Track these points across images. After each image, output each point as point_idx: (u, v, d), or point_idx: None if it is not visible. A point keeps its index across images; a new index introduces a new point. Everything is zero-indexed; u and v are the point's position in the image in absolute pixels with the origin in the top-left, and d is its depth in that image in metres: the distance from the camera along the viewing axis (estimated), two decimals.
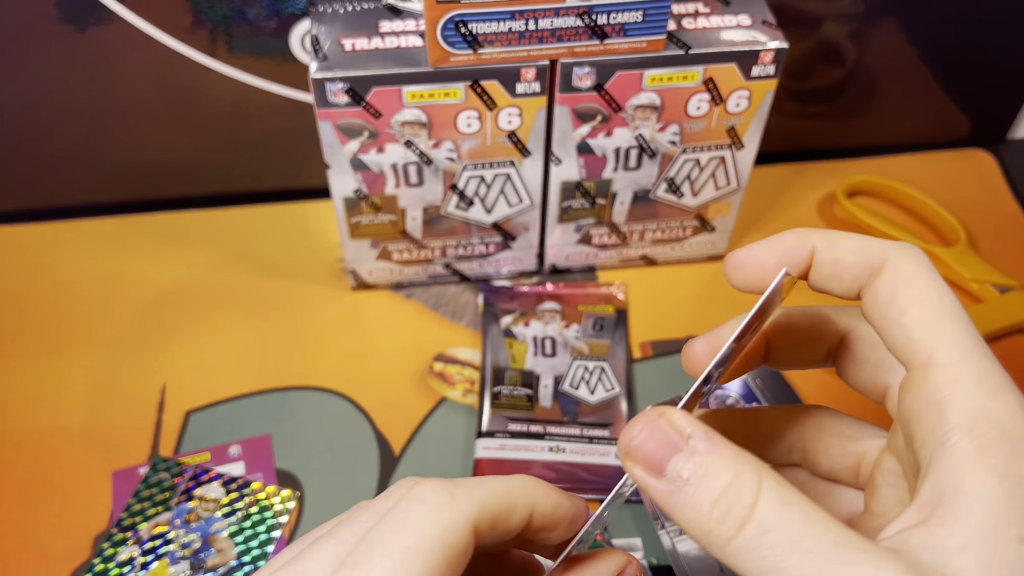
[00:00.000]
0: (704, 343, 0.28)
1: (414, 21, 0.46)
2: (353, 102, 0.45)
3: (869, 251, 0.25)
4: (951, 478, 0.21)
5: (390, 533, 0.23)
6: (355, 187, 0.49)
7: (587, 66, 0.45)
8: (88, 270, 0.57)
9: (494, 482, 0.25)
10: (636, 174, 0.51)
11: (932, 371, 0.23)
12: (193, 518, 0.45)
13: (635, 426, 0.23)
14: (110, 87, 0.55)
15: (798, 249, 0.26)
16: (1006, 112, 0.66)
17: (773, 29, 0.46)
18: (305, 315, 0.55)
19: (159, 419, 0.50)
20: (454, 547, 0.23)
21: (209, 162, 0.60)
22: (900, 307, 0.24)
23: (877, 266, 0.25)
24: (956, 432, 0.22)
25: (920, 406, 0.23)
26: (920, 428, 0.23)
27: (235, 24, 0.53)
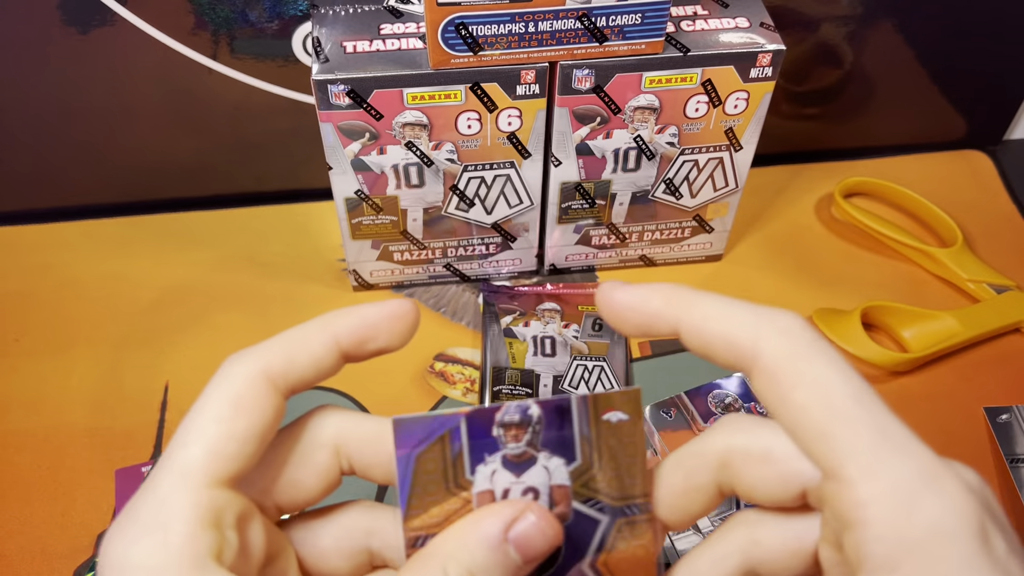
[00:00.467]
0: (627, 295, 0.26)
1: (415, 23, 0.46)
2: (354, 104, 0.45)
3: (739, 340, 0.23)
4: None
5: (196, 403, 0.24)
6: (356, 188, 0.49)
7: (586, 68, 0.45)
8: (91, 270, 0.58)
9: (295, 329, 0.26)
10: (635, 175, 0.51)
11: (842, 489, 0.21)
12: None
13: None
14: (113, 89, 0.55)
15: (663, 317, 0.25)
16: (1002, 113, 0.66)
17: (771, 31, 0.47)
18: (307, 315, 0.54)
19: (162, 418, 0.50)
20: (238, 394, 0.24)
21: (211, 163, 0.60)
22: (791, 418, 0.22)
23: (750, 356, 0.23)
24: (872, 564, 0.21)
25: (841, 520, 0.22)
26: (846, 539, 0.22)
27: (237, 26, 0.53)
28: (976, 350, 0.54)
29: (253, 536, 0.24)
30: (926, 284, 0.58)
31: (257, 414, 0.24)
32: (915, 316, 0.53)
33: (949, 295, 0.57)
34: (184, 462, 0.23)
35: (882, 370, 0.52)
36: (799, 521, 0.24)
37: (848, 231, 0.61)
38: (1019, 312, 0.54)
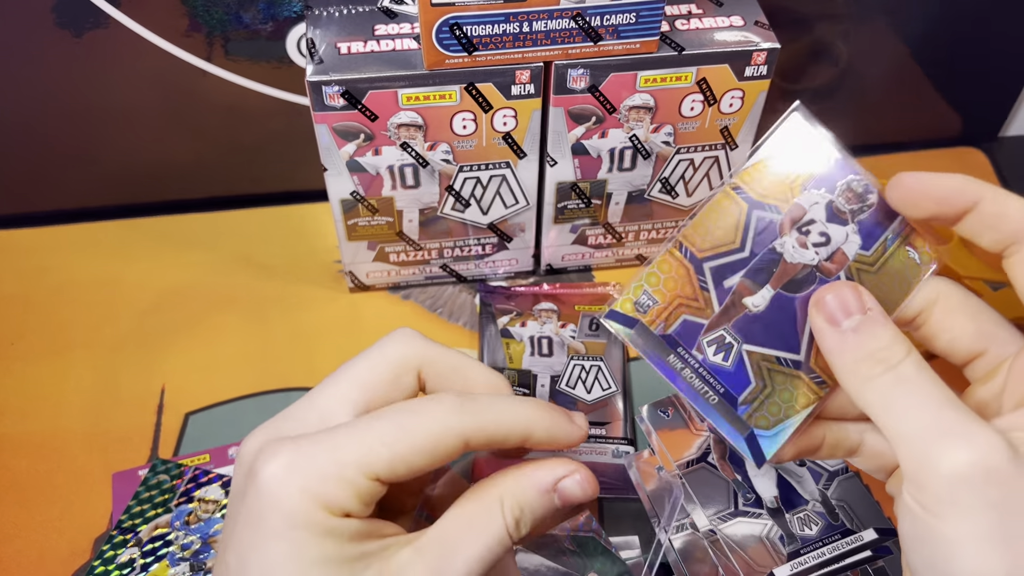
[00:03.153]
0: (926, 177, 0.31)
1: (409, 24, 0.46)
2: (349, 105, 0.45)
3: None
4: None
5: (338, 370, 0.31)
6: (352, 189, 0.49)
7: (581, 68, 0.45)
8: (87, 273, 0.57)
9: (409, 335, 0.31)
10: (631, 175, 0.51)
11: None
12: (193, 519, 0.45)
13: (829, 289, 0.30)
14: (108, 91, 0.55)
15: (966, 192, 0.29)
16: (998, 110, 0.66)
17: (765, 30, 0.47)
18: (303, 316, 0.55)
19: (158, 421, 0.50)
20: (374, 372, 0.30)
21: (207, 165, 0.60)
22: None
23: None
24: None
25: None
26: None
27: (231, 28, 0.53)
28: None
29: None
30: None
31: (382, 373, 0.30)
32: None
33: None
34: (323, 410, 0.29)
35: None
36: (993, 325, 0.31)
37: None
38: (1016, 308, 0.54)
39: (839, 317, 0.29)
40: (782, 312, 0.32)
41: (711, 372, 0.32)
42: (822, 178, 0.32)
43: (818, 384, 0.31)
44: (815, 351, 0.31)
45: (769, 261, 0.32)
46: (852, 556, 0.43)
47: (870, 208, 0.32)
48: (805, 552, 0.43)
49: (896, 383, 0.27)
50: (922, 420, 0.26)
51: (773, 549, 0.43)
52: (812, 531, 0.44)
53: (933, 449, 0.26)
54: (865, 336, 0.28)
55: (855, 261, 0.31)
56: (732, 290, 0.32)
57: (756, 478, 0.46)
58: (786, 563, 0.43)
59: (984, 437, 0.25)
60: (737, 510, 0.44)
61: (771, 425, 0.31)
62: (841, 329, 0.29)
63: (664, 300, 0.32)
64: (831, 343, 0.29)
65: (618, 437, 0.48)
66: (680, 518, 0.44)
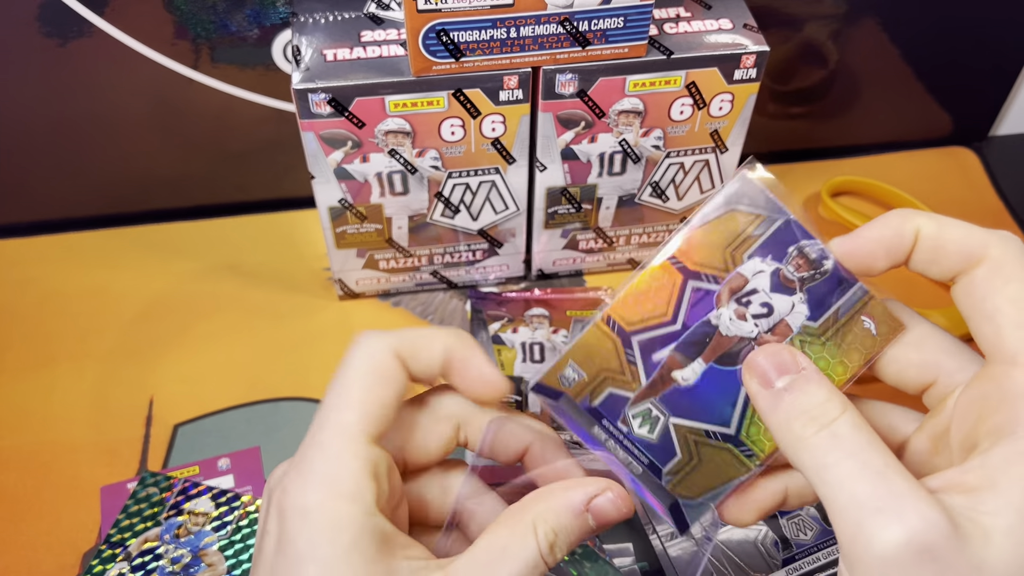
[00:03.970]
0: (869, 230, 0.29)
1: (395, 30, 0.46)
2: (336, 112, 0.45)
3: (971, 240, 0.27)
4: (1005, 465, 0.24)
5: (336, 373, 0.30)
6: (340, 197, 0.49)
7: (569, 73, 0.45)
8: (74, 284, 0.57)
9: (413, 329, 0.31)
10: (621, 179, 0.51)
11: (1015, 371, 0.25)
12: (183, 533, 0.45)
13: (761, 350, 0.29)
14: (93, 100, 0.55)
15: (903, 234, 0.28)
16: (987, 110, 0.66)
17: (754, 32, 0.47)
18: (293, 325, 0.55)
19: (147, 433, 0.49)
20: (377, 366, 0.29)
21: (194, 173, 0.60)
22: (995, 304, 0.26)
23: (977, 256, 0.27)
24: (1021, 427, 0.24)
25: (997, 398, 0.26)
26: (992, 417, 0.26)
27: (217, 35, 0.52)
28: None
29: (394, 483, 0.29)
30: (913, 283, 0.57)
31: (393, 384, 0.29)
32: None
33: (937, 293, 0.57)
34: (345, 424, 0.28)
35: None
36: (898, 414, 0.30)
37: (836, 230, 0.60)
38: None
39: (772, 377, 0.28)
40: (714, 385, 0.30)
41: (636, 444, 0.31)
42: (770, 244, 0.29)
43: (747, 456, 0.30)
44: (747, 424, 0.30)
45: (702, 334, 0.30)
46: None
47: (823, 276, 0.29)
48: (800, 558, 0.43)
49: (830, 444, 0.26)
50: (855, 490, 0.24)
51: (768, 555, 0.43)
52: (807, 536, 0.44)
53: (865, 525, 0.24)
54: (798, 394, 0.27)
55: (800, 333, 0.30)
56: (661, 364, 0.30)
57: None
58: (781, 569, 0.43)
59: (919, 512, 0.23)
60: None
61: (696, 495, 0.30)
62: (774, 389, 0.28)
63: (590, 374, 0.31)
64: (764, 404, 0.28)
65: None
66: None
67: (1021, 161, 0.66)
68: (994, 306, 0.26)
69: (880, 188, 0.62)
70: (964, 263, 0.27)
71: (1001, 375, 0.26)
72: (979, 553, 0.23)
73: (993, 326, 0.26)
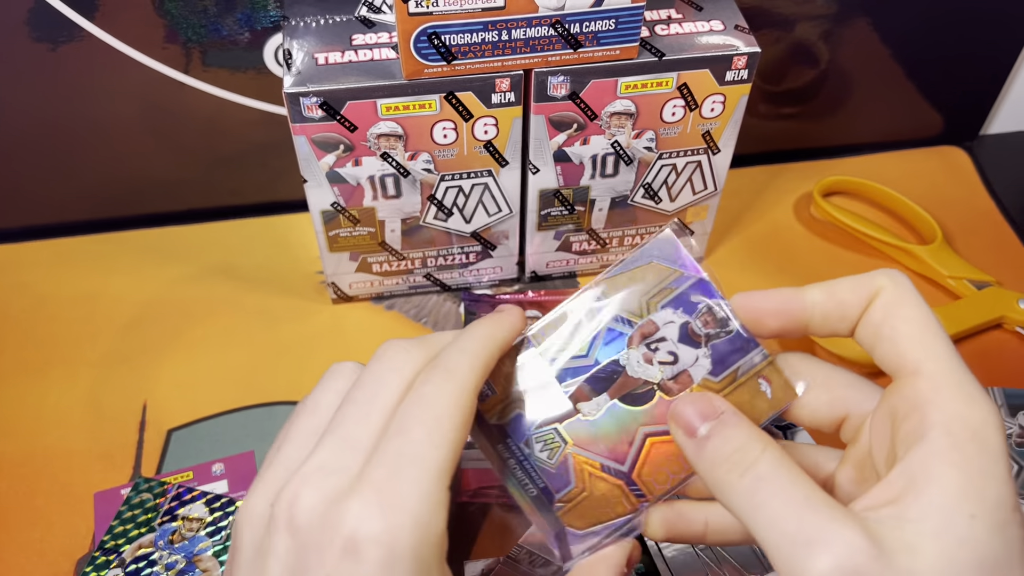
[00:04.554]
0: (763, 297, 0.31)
1: (387, 33, 0.46)
2: (328, 116, 0.44)
3: (861, 285, 0.29)
4: (922, 466, 0.25)
5: (418, 408, 0.28)
6: (332, 200, 0.49)
7: (561, 75, 0.45)
8: (67, 289, 0.57)
9: (469, 344, 0.30)
10: (613, 180, 0.51)
11: (919, 380, 0.27)
12: (177, 538, 0.45)
13: (681, 399, 0.30)
14: (85, 105, 0.54)
15: (793, 300, 0.30)
16: (978, 109, 0.66)
17: (745, 34, 0.47)
18: (286, 329, 0.55)
19: (140, 438, 0.49)
20: (466, 410, 0.28)
21: (186, 178, 0.59)
22: (892, 325, 0.28)
23: (870, 296, 0.28)
24: (934, 429, 0.26)
25: (905, 408, 0.27)
26: (903, 426, 0.27)
27: (208, 38, 0.52)
28: (958, 346, 0.53)
29: None
30: None
31: (468, 429, 0.29)
32: None
33: (930, 292, 0.57)
34: (440, 464, 0.27)
35: (865, 368, 0.52)
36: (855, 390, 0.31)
37: (828, 230, 0.61)
38: (999, 308, 0.54)
39: (695, 425, 0.29)
40: (615, 422, 0.31)
41: (534, 468, 0.32)
42: (683, 298, 0.31)
43: (637, 496, 0.31)
44: (640, 464, 0.31)
45: (611, 372, 0.31)
46: None
47: (727, 335, 0.31)
48: None
49: (755, 487, 0.26)
50: (784, 527, 0.25)
51: (762, 555, 0.43)
52: None
53: (796, 559, 0.25)
54: (718, 440, 0.28)
55: (700, 386, 0.31)
56: (570, 394, 0.32)
57: None
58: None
59: (843, 537, 0.24)
60: None
61: (584, 526, 0.32)
62: (697, 438, 0.29)
63: (501, 392, 0.32)
64: (690, 453, 0.29)
65: None
66: None
67: (1012, 160, 0.67)
68: (891, 328, 0.28)
69: (872, 188, 0.62)
70: (860, 308, 0.29)
71: (906, 387, 0.27)
72: (907, 565, 0.24)
73: (892, 345, 0.28)
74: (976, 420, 0.26)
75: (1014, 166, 0.66)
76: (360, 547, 0.25)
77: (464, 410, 0.28)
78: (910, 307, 0.28)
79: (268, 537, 0.27)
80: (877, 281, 0.29)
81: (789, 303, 0.30)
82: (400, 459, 0.27)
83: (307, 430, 0.30)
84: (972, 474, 0.25)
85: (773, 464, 0.27)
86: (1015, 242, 0.60)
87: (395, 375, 0.29)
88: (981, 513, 0.24)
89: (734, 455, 0.27)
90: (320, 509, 0.26)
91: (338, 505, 0.26)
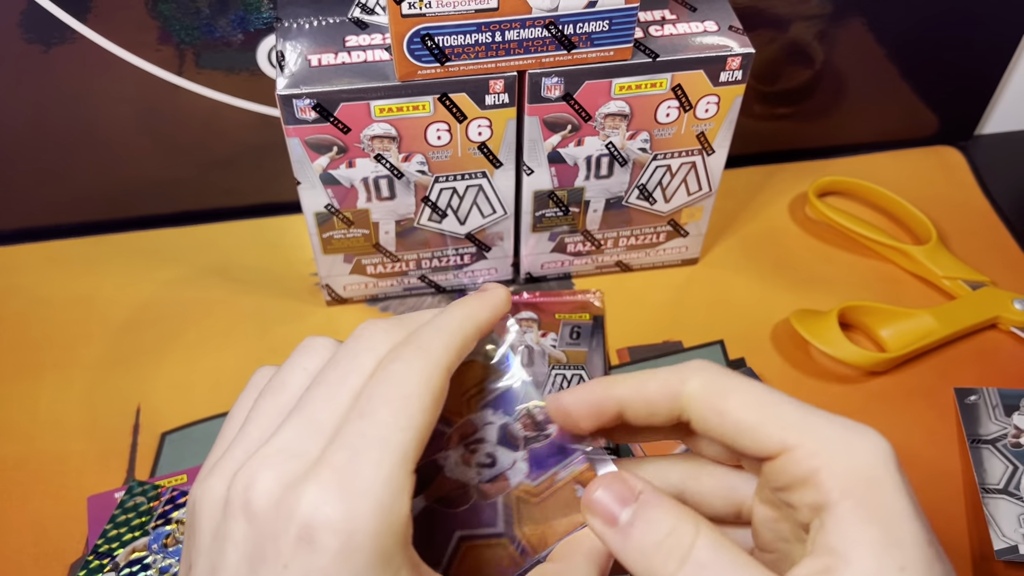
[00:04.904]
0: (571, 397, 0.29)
1: (380, 35, 0.46)
2: (321, 118, 0.44)
3: (669, 383, 0.28)
4: (841, 534, 0.24)
5: (384, 387, 0.26)
6: (326, 202, 0.49)
7: (555, 76, 0.45)
8: (59, 292, 0.57)
9: (445, 322, 0.29)
10: (608, 182, 0.51)
11: (793, 454, 0.26)
12: (171, 542, 0.45)
13: (594, 485, 0.27)
14: (78, 106, 0.54)
15: (606, 401, 0.28)
16: (973, 109, 0.66)
17: (739, 34, 0.47)
18: (281, 331, 0.54)
19: (134, 442, 0.49)
20: (437, 390, 0.27)
21: (180, 179, 0.59)
22: (732, 420, 0.27)
23: (679, 391, 0.27)
24: (834, 495, 0.25)
25: (795, 482, 0.26)
26: (803, 497, 0.26)
27: (202, 40, 0.52)
28: (953, 347, 0.54)
29: None
30: (902, 282, 0.58)
31: (439, 410, 0.27)
32: (892, 315, 0.53)
33: (925, 293, 0.57)
34: (405, 449, 0.25)
35: (860, 370, 0.52)
36: (735, 476, 0.29)
37: (823, 231, 0.61)
38: (994, 308, 0.54)
39: (615, 511, 0.26)
40: (432, 525, 0.30)
41: None
42: (503, 399, 0.30)
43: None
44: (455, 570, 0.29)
45: (430, 471, 0.30)
46: None
47: (546, 439, 0.30)
48: None
49: (697, 571, 0.24)
50: None
51: None
52: None
53: None
54: (644, 527, 0.26)
55: (517, 489, 0.30)
56: None
57: None
58: None
59: None
60: None
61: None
62: (619, 526, 0.26)
63: None
64: (615, 545, 0.26)
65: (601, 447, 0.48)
66: None
67: (1007, 160, 0.67)
68: (732, 423, 0.26)
69: (867, 188, 0.62)
70: (673, 403, 0.28)
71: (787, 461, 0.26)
72: None
73: (742, 436, 0.26)
74: (861, 462, 0.25)
75: (1009, 166, 0.66)
76: (315, 535, 0.24)
77: (435, 390, 0.27)
78: (735, 394, 0.27)
79: (225, 522, 0.25)
80: (686, 379, 0.27)
81: (600, 404, 0.28)
82: (362, 441, 0.25)
83: (272, 410, 0.28)
84: (885, 523, 0.24)
85: (711, 547, 0.25)
86: (1010, 242, 0.60)
87: (370, 355, 0.27)
88: (909, 563, 0.24)
89: (666, 541, 0.25)
90: (276, 494, 0.25)
91: (294, 490, 0.24)
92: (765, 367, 0.52)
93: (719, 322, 0.55)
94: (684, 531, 0.25)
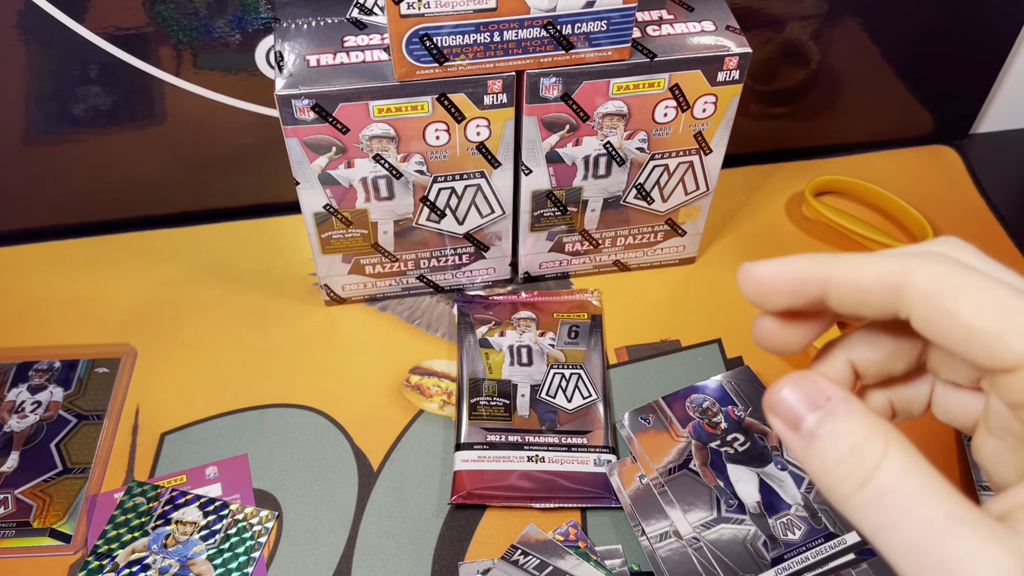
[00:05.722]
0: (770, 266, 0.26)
1: (379, 35, 0.46)
2: (320, 118, 0.44)
3: (890, 274, 0.24)
4: None
5: None
6: (325, 202, 0.49)
7: (553, 76, 0.45)
8: (58, 292, 0.56)
9: None
10: (606, 181, 0.51)
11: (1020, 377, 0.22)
12: (171, 542, 0.45)
13: (781, 383, 0.24)
14: (77, 107, 0.54)
15: (809, 280, 0.25)
16: (968, 108, 0.67)
17: (737, 34, 0.47)
18: (279, 331, 0.54)
19: (133, 442, 0.49)
20: None
21: (178, 180, 0.59)
22: (964, 324, 0.23)
23: (900, 282, 0.24)
24: None
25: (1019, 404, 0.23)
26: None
27: (200, 40, 0.52)
28: None
29: None
30: None
31: None
32: None
33: None
34: None
35: None
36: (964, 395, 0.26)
37: (820, 230, 0.61)
38: None
39: (800, 413, 0.24)
40: None
41: None
42: None
43: None
44: None
45: None
46: (836, 560, 0.43)
47: None
48: (789, 557, 0.43)
49: (880, 504, 0.22)
50: (921, 557, 0.21)
51: (756, 554, 0.43)
52: (795, 535, 0.44)
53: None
54: (827, 439, 0.23)
55: None
56: None
57: (738, 484, 0.46)
58: (770, 568, 0.43)
59: (994, 564, 0.20)
60: (720, 516, 0.44)
61: None
62: (802, 432, 0.24)
63: None
64: (797, 452, 0.24)
65: (600, 446, 0.48)
66: (664, 527, 0.44)
67: (1002, 158, 0.67)
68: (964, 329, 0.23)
69: (863, 187, 0.62)
70: (895, 298, 0.24)
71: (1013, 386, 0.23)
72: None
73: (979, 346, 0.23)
74: None
75: (1004, 164, 0.66)
76: None
77: None
78: (971, 293, 0.23)
79: None
80: (912, 269, 0.24)
81: (802, 280, 0.25)
82: None
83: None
84: None
85: (900, 471, 0.22)
86: (1005, 240, 0.60)
87: None
88: None
89: (849, 459, 0.22)
90: None
91: None
92: (763, 366, 0.52)
93: (717, 321, 0.55)
94: (871, 449, 0.22)
